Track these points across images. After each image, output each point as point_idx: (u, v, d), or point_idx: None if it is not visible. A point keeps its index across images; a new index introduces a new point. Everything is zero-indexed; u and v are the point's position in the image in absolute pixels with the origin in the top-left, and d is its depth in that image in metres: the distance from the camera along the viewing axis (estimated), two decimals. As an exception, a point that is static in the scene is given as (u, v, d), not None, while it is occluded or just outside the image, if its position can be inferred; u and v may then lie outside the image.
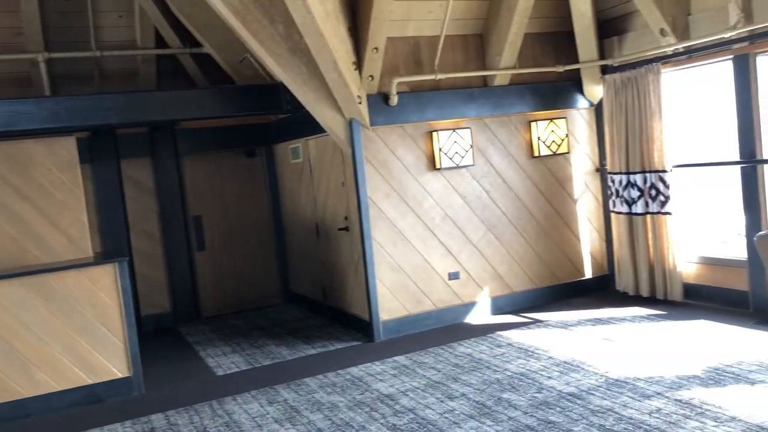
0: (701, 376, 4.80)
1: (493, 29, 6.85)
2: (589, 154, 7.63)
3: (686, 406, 4.30)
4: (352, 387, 5.36)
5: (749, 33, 5.78)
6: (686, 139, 6.96)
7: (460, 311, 7.00)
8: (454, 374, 5.41)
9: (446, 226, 6.92)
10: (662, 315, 6.45)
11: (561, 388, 4.85)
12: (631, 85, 6.79)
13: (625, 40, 7.07)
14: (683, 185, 6.86)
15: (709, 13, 6.15)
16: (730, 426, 3.96)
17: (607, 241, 7.65)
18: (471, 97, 6.93)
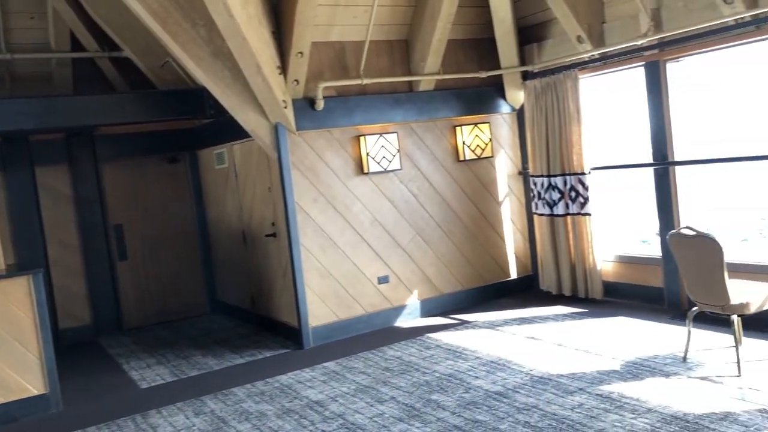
0: (620, 370, 4.98)
1: (418, 35, 6.93)
2: (512, 157, 7.81)
3: (606, 400, 4.45)
4: (280, 395, 5.30)
5: (659, 41, 6.06)
6: (604, 142, 7.23)
7: (390, 315, 7.02)
8: (383, 378, 5.43)
9: (375, 230, 6.94)
10: (583, 313, 6.66)
11: (488, 388, 4.94)
12: (550, 91, 7.00)
13: (545, 46, 7.29)
14: (602, 186, 7.12)
15: (622, 21, 6.41)
16: (646, 417, 4.12)
17: (531, 242, 7.85)
18: (397, 102, 6.99)
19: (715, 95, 7.45)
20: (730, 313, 4.67)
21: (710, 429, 3.86)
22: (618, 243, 7.26)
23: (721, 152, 6.83)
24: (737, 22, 5.44)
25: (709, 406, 4.18)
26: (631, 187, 7.55)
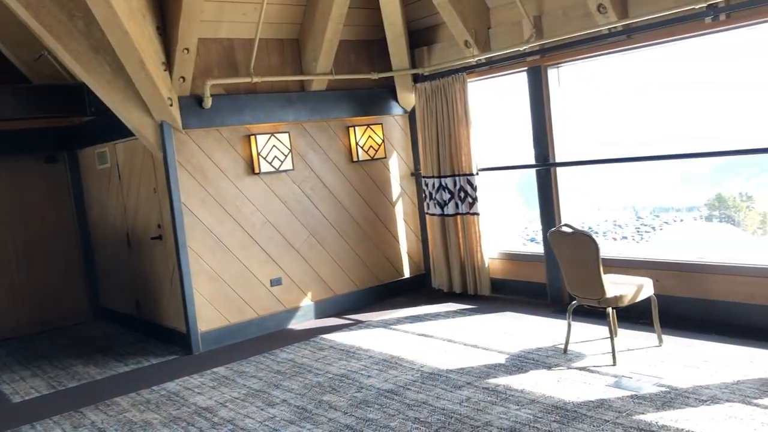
0: (506, 364, 5.16)
1: (309, 35, 6.89)
2: (404, 158, 7.93)
3: (493, 393, 4.59)
4: (167, 403, 5.11)
5: (540, 47, 6.33)
6: (493, 143, 7.47)
7: (283, 317, 6.94)
8: (275, 381, 5.35)
9: (267, 231, 6.83)
10: (473, 309, 6.85)
11: (380, 386, 4.97)
12: (440, 93, 7.16)
13: (434, 50, 7.45)
14: (496, 185, 7.36)
15: (506, 27, 6.65)
16: (529, 408, 4.28)
17: (423, 241, 7.99)
18: (289, 102, 6.92)
19: (602, 99, 7.86)
20: (605, 306, 4.94)
21: (587, 416, 4.06)
22: (507, 241, 7.53)
23: (601, 154, 7.23)
24: (610, 31, 5.77)
25: (587, 394, 4.40)
26: (524, 187, 7.85)
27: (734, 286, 5.42)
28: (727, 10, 5.06)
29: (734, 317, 5.40)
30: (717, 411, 3.92)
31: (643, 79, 6.92)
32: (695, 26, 5.31)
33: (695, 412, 3.95)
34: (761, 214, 20.03)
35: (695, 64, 6.39)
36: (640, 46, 5.80)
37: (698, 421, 3.82)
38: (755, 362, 4.58)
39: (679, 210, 21.41)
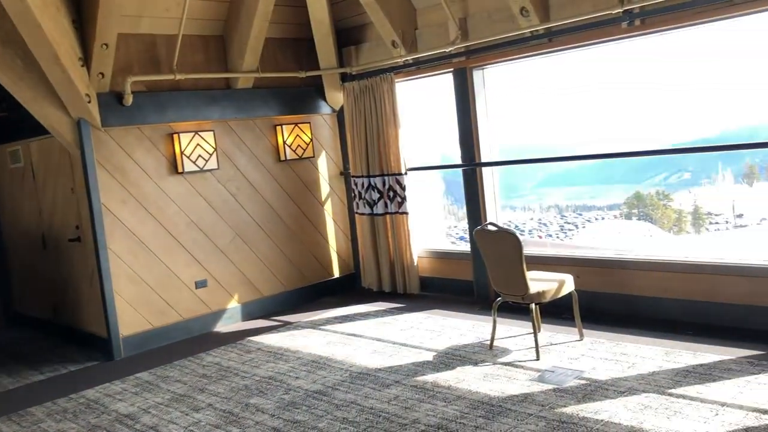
0: (434, 361, 5.21)
1: (234, 32, 6.77)
2: (333, 158, 7.89)
3: (420, 391, 4.63)
4: (86, 411, 4.91)
5: (466, 48, 6.42)
6: (424, 143, 7.54)
7: (209, 320, 6.79)
8: (200, 385, 5.22)
9: (191, 232, 6.67)
10: (402, 308, 6.89)
11: (308, 387, 4.93)
12: (368, 93, 7.17)
13: (362, 49, 7.45)
14: (422, 186, 7.43)
15: (432, 28, 6.72)
16: (456, 405, 4.34)
17: (353, 241, 7.98)
18: (214, 100, 6.78)
19: (528, 100, 8.03)
20: (529, 302, 5.06)
21: (512, 411, 4.15)
22: (436, 239, 7.62)
23: (526, 154, 7.41)
24: (533, 34, 5.91)
25: (511, 389, 4.49)
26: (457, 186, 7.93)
27: (651, 281, 5.65)
28: (642, 16, 5.26)
29: (651, 311, 5.62)
30: (633, 401, 4.08)
31: (568, 81, 7.14)
32: (612, 31, 5.50)
33: (613, 403, 4.09)
34: (677, 212, 20.98)
35: (615, 67, 6.64)
36: (561, 49, 5.96)
37: (616, 412, 3.95)
38: (670, 354, 4.78)
39: (601, 208, 22.20)
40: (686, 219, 20.30)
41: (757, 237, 16.39)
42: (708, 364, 4.51)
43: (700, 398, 4.01)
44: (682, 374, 4.40)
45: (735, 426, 3.63)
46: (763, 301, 5.01)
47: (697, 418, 3.76)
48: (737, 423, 3.66)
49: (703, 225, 19.69)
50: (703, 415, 3.79)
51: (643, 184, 20.97)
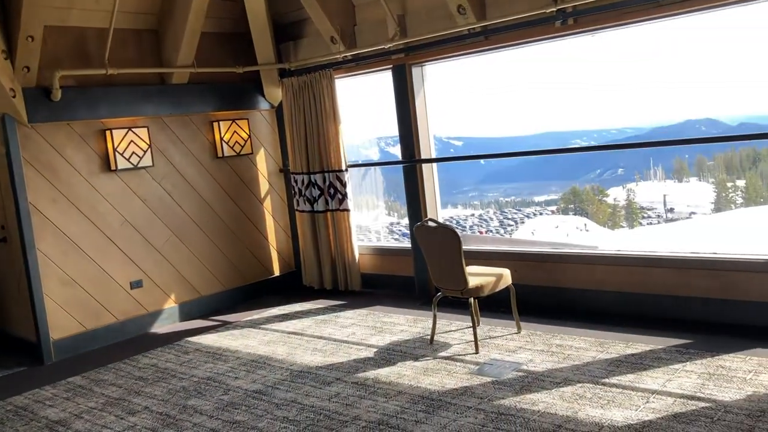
0: (375, 357, 5.21)
1: (169, 26, 6.61)
2: (272, 154, 7.80)
3: (362, 387, 4.63)
4: (14, 418, 4.72)
5: (405, 45, 6.44)
6: (364, 139, 7.54)
7: (145, 321, 6.62)
8: (136, 388, 5.09)
9: (126, 231, 6.48)
10: (343, 305, 6.87)
11: (247, 387, 4.86)
12: (307, 89, 7.11)
13: (301, 45, 7.39)
14: (365, 182, 7.43)
15: (371, 25, 6.71)
16: (397, 400, 4.35)
17: (293, 238, 7.91)
18: (148, 95, 6.60)
19: (468, 97, 8.13)
20: (468, 297, 5.12)
21: (452, 404, 4.19)
22: (377, 235, 7.62)
23: (466, 150, 7.49)
24: (470, 32, 5.97)
25: (451, 383, 4.53)
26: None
27: (585, 274, 5.79)
28: (574, 15, 5.39)
29: (586, 303, 5.77)
30: (569, 392, 4.17)
31: (507, 78, 7.25)
32: (546, 30, 5.61)
33: (550, 393, 4.18)
34: (611, 206, 21.55)
35: (552, 65, 6.78)
36: (498, 47, 6.05)
37: (552, 402, 4.04)
38: (604, 345, 4.91)
39: (539, 204, 22.63)
40: (620, 213, 20.93)
41: (686, 230, 17.01)
42: (639, 354, 4.66)
43: (632, 387, 4.14)
44: (615, 364, 4.53)
45: (664, 413, 3.76)
46: (691, 292, 5.21)
47: (629, 406, 3.88)
48: (666, 410, 3.79)
49: (636, 219, 20.34)
50: (635, 403, 3.91)
51: (579, 180, 21.45)
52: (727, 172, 17.81)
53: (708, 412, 3.70)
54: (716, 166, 17.98)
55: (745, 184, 17.50)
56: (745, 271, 4.98)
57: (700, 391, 3.96)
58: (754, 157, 17.19)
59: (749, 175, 17.32)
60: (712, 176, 17.97)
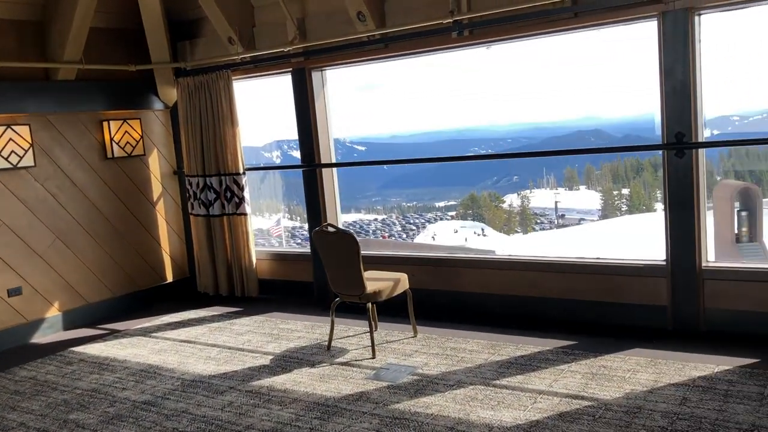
0: (271, 365, 5.13)
1: (54, 18, 6.25)
2: (166, 156, 7.53)
3: (256, 396, 4.53)
4: None
5: (304, 49, 6.39)
6: (266, 142, 7.41)
7: (24, 331, 6.21)
8: (12, 403, 4.76)
9: (3, 235, 6.06)
10: (239, 312, 6.72)
11: (136, 398, 4.65)
12: (204, 90, 6.92)
13: (197, 44, 7.18)
14: (265, 186, 7.29)
15: (271, 27, 6.62)
16: (292, 407, 4.29)
17: (188, 243, 7.66)
18: (30, 91, 6.21)
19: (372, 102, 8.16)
20: (366, 302, 5.13)
21: (347, 410, 4.17)
22: (277, 239, 7.51)
23: (368, 156, 7.53)
24: (369, 39, 6.01)
25: (347, 388, 4.52)
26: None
27: (480, 277, 5.95)
28: (470, 27, 5.53)
29: (480, 306, 5.92)
30: (462, 394, 4.26)
31: (412, 84, 7.35)
32: (444, 40, 5.72)
33: (443, 396, 4.25)
34: (507, 212, 22.29)
35: (454, 72, 6.94)
36: (397, 55, 6.12)
37: (445, 405, 4.11)
38: (496, 347, 5.05)
39: (440, 209, 23.09)
40: (515, 219, 21.69)
41: (576, 236, 17.87)
42: (528, 355, 4.83)
43: (521, 387, 4.28)
44: (506, 365, 4.67)
45: (550, 412, 3.90)
46: (578, 295, 5.45)
47: (518, 407, 4.00)
48: (552, 409, 3.94)
49: (530, 225, 21.14)
50: (523, 404, 4.04)
51: (477, 186, 22.11)
52: (613, 181, 18.86)
53: (590, 411, 3.88)
54: (603, 176, 19.00)
55: (629, 193, 18.58)
56: (627, 275, 5.27)
57: (583, 391, 4.15)
58: (637, 167, 18.30)
59: (633, 184, 18.42)
60: (600, 185, 18.98)
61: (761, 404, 3.76)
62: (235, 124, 6.84)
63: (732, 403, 3.80)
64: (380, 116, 9.65)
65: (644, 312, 5.18)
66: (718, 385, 4.07)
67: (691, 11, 4.67)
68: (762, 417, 3.61)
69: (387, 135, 26.43)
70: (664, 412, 3.78)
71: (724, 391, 3.97)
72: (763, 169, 15.79)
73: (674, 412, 3.76)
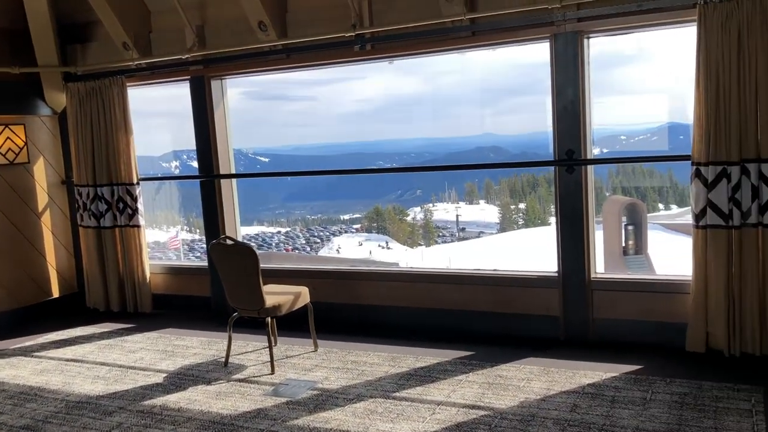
0: (164, 383, 4.91)
1: (-73, 14, 5.80)
2: (53, 165, 7.12)
3: (148, 416, 4.33)
4: None
5: (203, 57, 6.24)
6: (164, 152, 7.15)
7: None
8: None
9: None
10: (132, 328, 6.42)
11: (13, 423, 4.33)
12: (96, 96, 6.60)
13: (90, 49, 6.86)
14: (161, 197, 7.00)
15: (168, 33, 6.41)
16: (186, 426, 4.12)
17: (76, 257, 7.26)
18: None
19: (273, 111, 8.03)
20: (265, 316, 5.02)
21: (244, 427, 4.06)
22: (168, 254, 7.24)
23: (268, 167, 7.42)
24: (271, 49, 5.94)
25: (245, 406, 4.39)
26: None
27: (380, 290, 5.96)
28: (372, 41, 5.58)
29: (380, 319, 5.93)
30: (362, 407, 4.23)
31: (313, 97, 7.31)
32: (346, 53, 5.74)
33: (343, 410, 4.21)
34: (410, 225, 22.65)
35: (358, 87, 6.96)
36: (299, 66, 6.09)
37: (345, 419, 4.07)
38: (396, 359, 5.07)
39: (344, 222, 23.15)
40: (419, 232, 22.07)
41: (476, 248, 18.37)
42: (428, 367, 4.87)
43: (420, 399, 4.31)
44: (406, 377, 4.69)
45: (448, 423, 3.95)
46: (476, 306, 5.57)
47: (417, 419, 4.02)
48: (450, 420, 3.98)
49: (432, 238, 21.55)
50: (422, 415, 4.06)
51: (382, 199, 22.34)
52: (511, 195, 19.55)
53: (487, 420, 3.95)
54: (502, 190, 19.67)
55: (525, 207, 19.32)
56: (522, 286, 5.43)
57: (480, 400, 4.22)
58: (533, 183, 19.07)
59: (529, 199, 19.16)
60: (498, 199, 19.63)
61: (644, 408, 3.95)
62: (129, 132, 6.57)
63: (618, 409, 3.98)
64: (284, 128, 9.56)
65: (538, 322, 5.35)
66: (606, 391, 4.25)
67: (580, 34, 4.91)
68: (645, 420, 3.80)
69: (290, 147, 26.25)
70: (556, 419, 3.90)
71: (611, 397, 4.16)
72: (648, 186, 16.83)
73: (565, 419, 3.89)
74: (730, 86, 4.33)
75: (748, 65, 4.28)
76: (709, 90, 4.39)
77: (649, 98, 17.23)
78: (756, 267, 4.43)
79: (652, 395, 4.13)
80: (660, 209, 16.70)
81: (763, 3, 4.20)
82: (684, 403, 3.98)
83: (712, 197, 4.47)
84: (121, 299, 6.88)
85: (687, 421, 3.76)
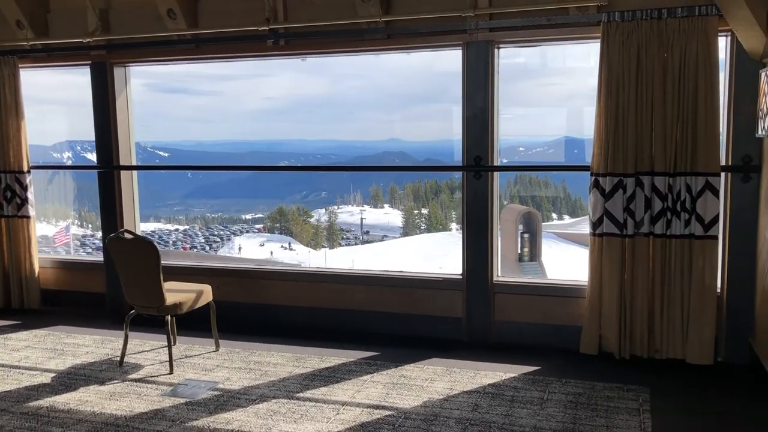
0: (52, 383, 4.63)
1: None
2: (-68, 148, 6.57)
3: (33, 418, 4.06)
4: None
5: (107, 42, 5.95)
6: (57, 141, 6.75)
7: None
8: None
9: None
10: (17, 325, 6.02)
11: None
12: (-16, 76, 6.16)
13: (-22, 25, 6.39)
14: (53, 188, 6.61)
15: (68, 14, 6.08)
16: (76, 429, 3.90)
17: (-45, 248, 6.73)
18: None
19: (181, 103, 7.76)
20: (165, 314, 4.84)
21: (140, 429, 3.89)
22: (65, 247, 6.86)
23: (173, 160, 7.17)
24: (180, 38, 5.74)
25: (141, 406, 4.21)
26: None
27: (285, 290, 5.89)
28: (286, 37, 5.51)
29: (285, 319, 5.85)
30: (264, 408, 4.16)
31: (219, 91, 7.11)
32: (259, 47, 5.64)
33: (245, 411, 4.12)
34: (314, 227, 22.52)
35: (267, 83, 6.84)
36: (209, 57, 5.93)
37: (247, 420, 3.98)
38: (300, 360, 5.01)
39: (246, 221, 22.73)
40: (323, 234, 21.98)
41: (380, 251, 18.53)
42: (333, 367, 4.85)
43: (324, 399, 4.28)
44: (310, 378, 4.65)
45: (352, 423, 3.94)
46: (381, 307, 5.60)
47: (321, 419, 3.99)
48: (354, 420, 3.98)
49: (336, 240, 21.54)
50: (326, 416, 4.04)
51: (286, 200, 22.11)
52: (414, 200, 19.86)
53: (391, 420, 3.97)
54: (406, 195, 19.94)
55: (428, 212, 19.67)
56: (426, 288, 5.51)
57: (384, 400, 4.25)
58: (436, 189, 19.44)
59: (432, 205, 19.53)
60: (402, 204, 19.89)
61: (541, 408, 4.11)
62: (21, 117, 6.17)
63: (517, 408, 4.11)
64: (186, 122, 9.24)
65: (442, 324, 5.45)
66: (506, 391, 4.38)
67: (492, 44, 5.05)
68: (542, 420, 3.94)
69: (193, 142, 25.50)
70: (458, 418, 3.98)
71: (511, 396, 4.29)
72: (543, 196, 17.56)
73: (467, 418, 3.98)
74: (629, 102, 4.58)
75: (645, 83, 4.55)
76: (609, 105, 4.63)
77: (547, 111, 18.01)
78: (646, 274, 4.70)
79: (548, 395, 4.30)
80: (554, 219, 17.43)
81: (659, 25, 4.47)
82: (578, 403, 4.17)
83: (609, 207, 4.71)
84: (5, 294, 6.44)
85: (581, 419, 3.94)
